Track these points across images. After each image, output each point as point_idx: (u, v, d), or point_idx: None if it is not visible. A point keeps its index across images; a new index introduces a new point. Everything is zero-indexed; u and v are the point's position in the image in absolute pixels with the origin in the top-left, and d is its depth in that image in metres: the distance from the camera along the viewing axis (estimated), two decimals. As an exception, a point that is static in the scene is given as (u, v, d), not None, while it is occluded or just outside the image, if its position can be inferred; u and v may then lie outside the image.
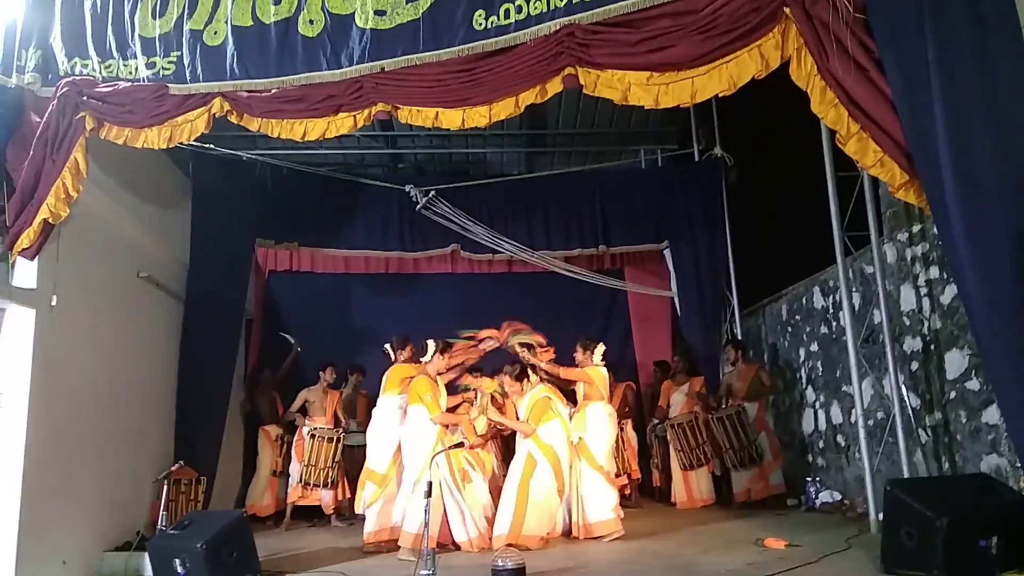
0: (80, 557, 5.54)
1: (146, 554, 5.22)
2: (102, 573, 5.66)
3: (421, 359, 6.34)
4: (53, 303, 5.41)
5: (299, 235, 8.99)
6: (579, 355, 6.89)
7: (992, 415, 5.15)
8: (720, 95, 4.58)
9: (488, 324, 9.31)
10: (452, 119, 5.04)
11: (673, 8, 4.39)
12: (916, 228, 6.09)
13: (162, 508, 5.61)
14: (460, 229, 8.77)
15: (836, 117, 4.23)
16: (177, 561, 4.68)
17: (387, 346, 6.89)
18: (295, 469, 7.78)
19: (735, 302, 9.38)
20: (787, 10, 4.23)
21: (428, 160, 10.50)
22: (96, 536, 5.80)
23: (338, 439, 7.64)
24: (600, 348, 6.84)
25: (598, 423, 6.50)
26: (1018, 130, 3.62)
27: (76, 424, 5.64)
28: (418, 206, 8.72)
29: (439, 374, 6.32)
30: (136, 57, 5.24)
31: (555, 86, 4.81)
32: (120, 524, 6.10)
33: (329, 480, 7.53)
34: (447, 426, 6.12)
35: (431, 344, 6.26)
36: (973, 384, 5.42)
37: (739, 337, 9.20)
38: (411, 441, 5.97)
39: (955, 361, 5.64)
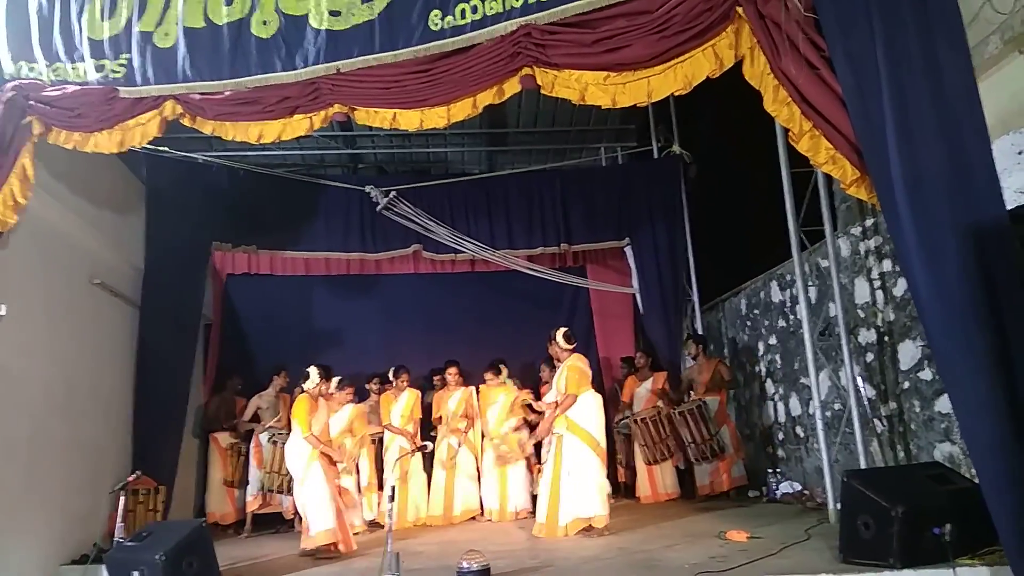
0: (35, 571, 5.41)
1: (104, 567, 5.10)
2: (59, 587, 5.56)
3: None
4: (3, 312, 5.26)
5: (257, 238, 8.88)
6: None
7: (944, 404, 5.28)
8: (676, 94, 4.64)
9: (450, 324, 9.39)
10: (410, 120, 5.02)
11: (628, 8, 4.43)
12: (869, 222, 6.21)
13: (119, 519, 5.47)
14: (422, 229, 8.74)
15: (788, 115, 4.30)
16: (136, 573, 4.58)
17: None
18: (254, 476, 7.68)
19: (695, 297, 9.49)
20: (740, 10, 4.29)
21: (388, 160, 10.44)
22: (52, 549, 5.67)
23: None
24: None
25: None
26: (963, 127, 3.71)
27: (29, 434, 5.51)
28: (379, 207, 8.66)
29: (322, 396, 6.47)
30: (84, 60, 5.13)
31: (512, 86, 4.83)
32: (77, 536, 5.97)
33: (290, 486, 7.39)
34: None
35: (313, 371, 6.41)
36: (926, 374, 5.56)
37: (700, 332, 9.30)
38: (290, 452, 6.31)
39: (908, 352, 5.77)
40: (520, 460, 7.71)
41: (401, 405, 7.90)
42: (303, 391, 6.33)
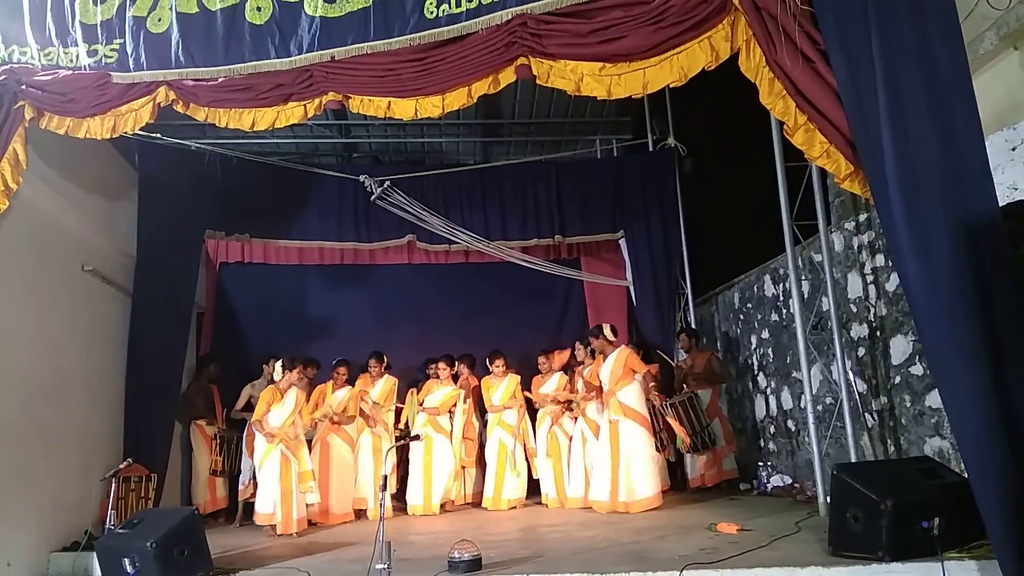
0: (26, 558, 5.40)
1: (94, 554, 5.10)
2: (49, 574, 5.54)
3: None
4: (-7, 298, 5.26)
5: (250, 226, 8.83)
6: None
7: (935, 399, 5.30)
8: (672, 86, 4.63)
9: (444, 314, 9.39)
10: (405, 109, 5.00)
11: (624, -1, 4.42)
12: (863, 217, 6.22)
13: (110, 507, 5.48)
14: (416, 219, 8.70)
15: (784, 108, 4.29)
16: (126, 561, 4.58)
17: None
18: (247, 465, 7.66)
19: (689, 290, 9.48)
20: (736, 1, 4.29)
21: (383, 149, 10.41)
22: (42, 536, 5.66)
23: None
24: None
25: None
26: (957, 122, 3.71)
27: (20, 422, 5.49)
28: (373, 196, 8.64)
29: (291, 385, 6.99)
30: (77, 44, 5.11)
31: (508, 76, 4.81)
32: (67, 524, 5.95)
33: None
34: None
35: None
36: (917, 369, 5.57)
37: (692, 325, 9.31)
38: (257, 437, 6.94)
39: (900, 347, 5.78)
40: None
41: (377, 391, 7.96)
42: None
